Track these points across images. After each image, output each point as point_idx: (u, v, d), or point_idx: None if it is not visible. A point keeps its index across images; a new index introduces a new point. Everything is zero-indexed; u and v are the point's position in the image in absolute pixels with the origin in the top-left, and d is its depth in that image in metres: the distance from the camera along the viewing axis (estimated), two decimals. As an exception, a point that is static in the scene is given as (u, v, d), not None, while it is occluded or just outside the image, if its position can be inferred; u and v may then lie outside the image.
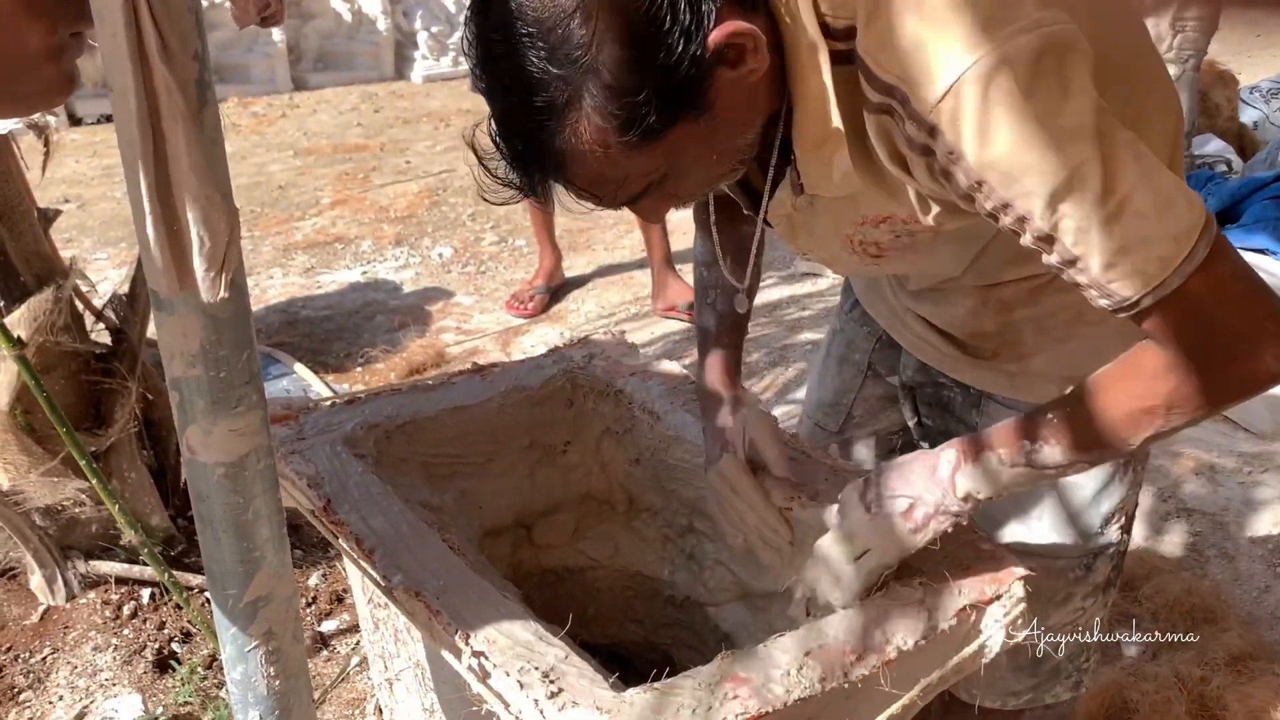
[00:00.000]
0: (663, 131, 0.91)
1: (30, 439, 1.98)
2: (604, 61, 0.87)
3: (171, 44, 0.70)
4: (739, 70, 0.92)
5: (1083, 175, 0.86)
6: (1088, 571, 1.33)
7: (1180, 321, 0.91)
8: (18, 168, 2.03)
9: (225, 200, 0.76)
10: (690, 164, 0.98)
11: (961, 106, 0.86)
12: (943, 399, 1.40)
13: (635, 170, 0.95)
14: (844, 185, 1.03)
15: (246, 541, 0.90)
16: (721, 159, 1.01)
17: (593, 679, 1.00)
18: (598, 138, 0.91)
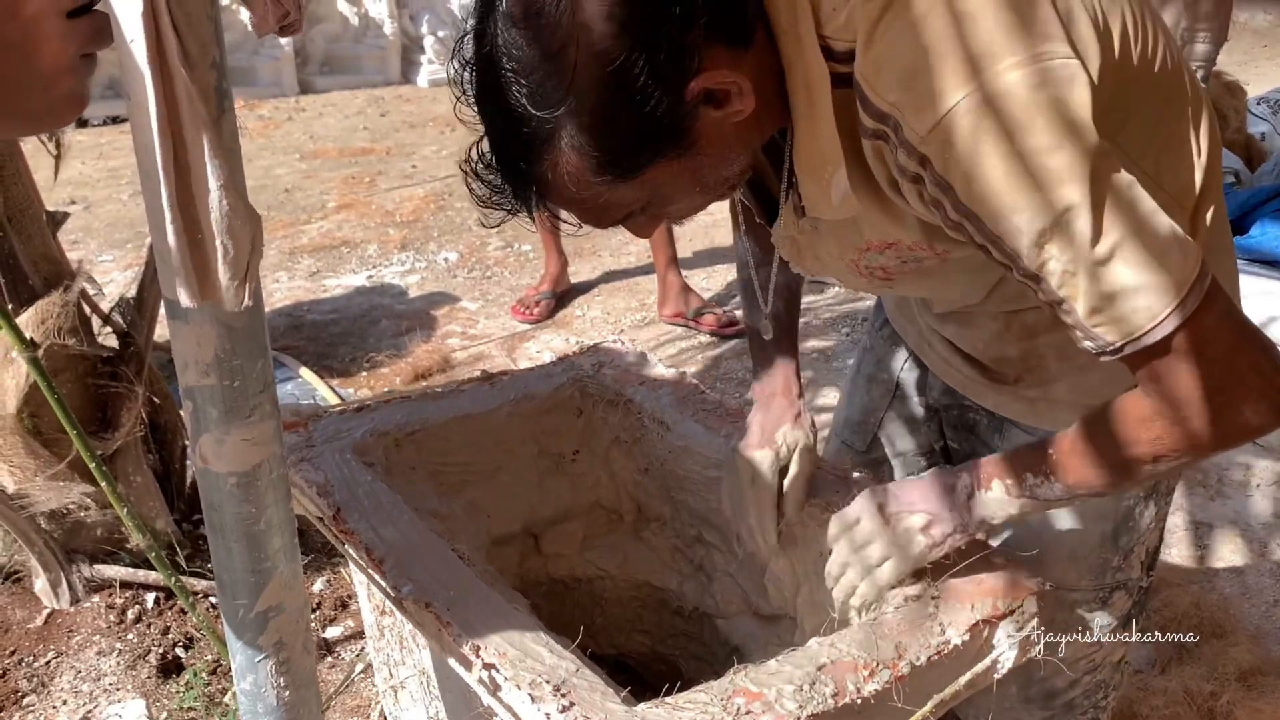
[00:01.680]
0: (640, 170, 0.93)
1: (37, 442, 1.98)
2: (582, 104, 0.88)
3: (192, 52, 0.70)
4: (724, 110, 0.93)
5: (1070, 219, 0.85)
6: (1104, 605, 1.32)
7: (1163, 370, 0.90)
8: (26, 170, 2.03)
9: (247, 207, 0.75)
10: (673, 194, 0.99)
11: (952, 139, 0.85)
12: (968, 421, 1.39)
13: (615, 200, 0.96)
14: (842, 208, 1.02)
15: (258, 551, 0.89)
16: (706, 189, 1.01)
17: (604, 692, 0.99)
18: (575, 174, 0.92)
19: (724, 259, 4.25)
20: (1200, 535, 2.41)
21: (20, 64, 0.61)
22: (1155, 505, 1.29)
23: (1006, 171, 0.85)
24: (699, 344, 3.51)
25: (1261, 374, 0.91)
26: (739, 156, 1.00)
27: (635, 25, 0.86)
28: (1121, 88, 0.97)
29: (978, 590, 1.14)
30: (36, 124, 0.66)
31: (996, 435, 1.34)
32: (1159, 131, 1.04)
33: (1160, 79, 1.03)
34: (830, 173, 0.98)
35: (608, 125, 0.89)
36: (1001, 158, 0.85)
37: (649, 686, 1.06)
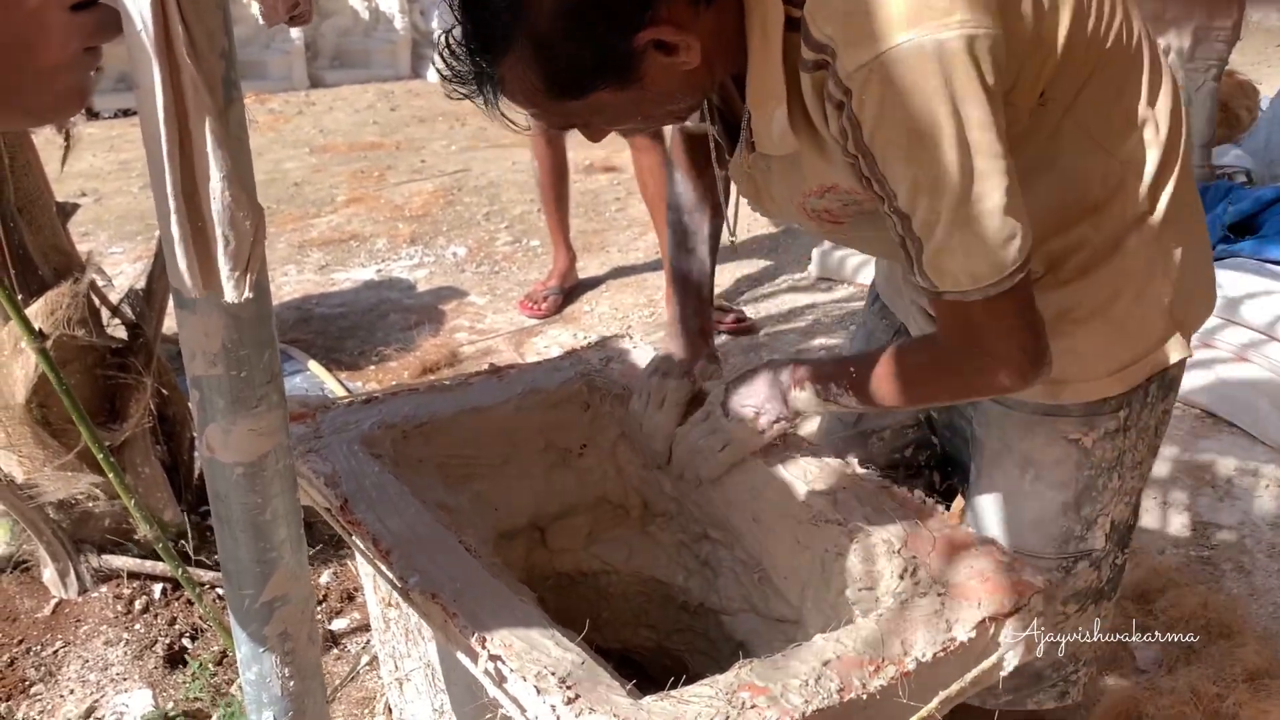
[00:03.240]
0: (585, 94, 1.04)
1: (46, 432, 1.99)
2: (537, 29, 1.00)
3: (199, 41, 0.70)
4: (672, 58, 1.03)
5: (948, 180, 0.98)
6: (1067, 574, 1.35)
7: (958, 323, 1.08)
8: (37, 161, 2.04)
9: (251, 199, 0.75)
10: (616, 118, 1.10)
11: (871, 82, 0.97)
12: None
13: (561, 112, 1.08)
14: (782, 144, 1.11)
15: (264, 542, 0.89)
16: (650, 118, 1.13)
17: (610, 685, 0.99)
18: (526, 85, 1.04)
19: (733, 257, 4.24)
20: (1208, 536, 2.40)
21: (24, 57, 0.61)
22: (1119, 477, 1.32)
23: (908, 124, 0.97)
24: (709, 341, 3.50)
25: (1026, 354, 1.09)
26: (684, 97, 1.10)
27: None
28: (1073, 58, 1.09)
29: (984, 588, 1.14)
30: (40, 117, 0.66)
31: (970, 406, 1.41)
32: (1117, 103, 1.15)
33: (1117, 54, 1.13)
34: (772, 108, 1.08)
35: (556, 52, 1.01)
36: (908, 110, 0.96)
37: (654, 681, 1.06)
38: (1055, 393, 1.26)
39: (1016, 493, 1.35)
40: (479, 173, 5.43)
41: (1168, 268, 1.22)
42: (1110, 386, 1.25)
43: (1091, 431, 1.28)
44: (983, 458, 1.39)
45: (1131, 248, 1.20)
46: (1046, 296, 1.18)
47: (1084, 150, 1.15)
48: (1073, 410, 1.28)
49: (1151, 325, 1.24)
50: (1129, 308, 1.22)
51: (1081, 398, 1.26)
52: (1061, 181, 1.16)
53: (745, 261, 4.18)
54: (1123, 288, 1.21)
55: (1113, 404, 1.27)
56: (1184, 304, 1.25)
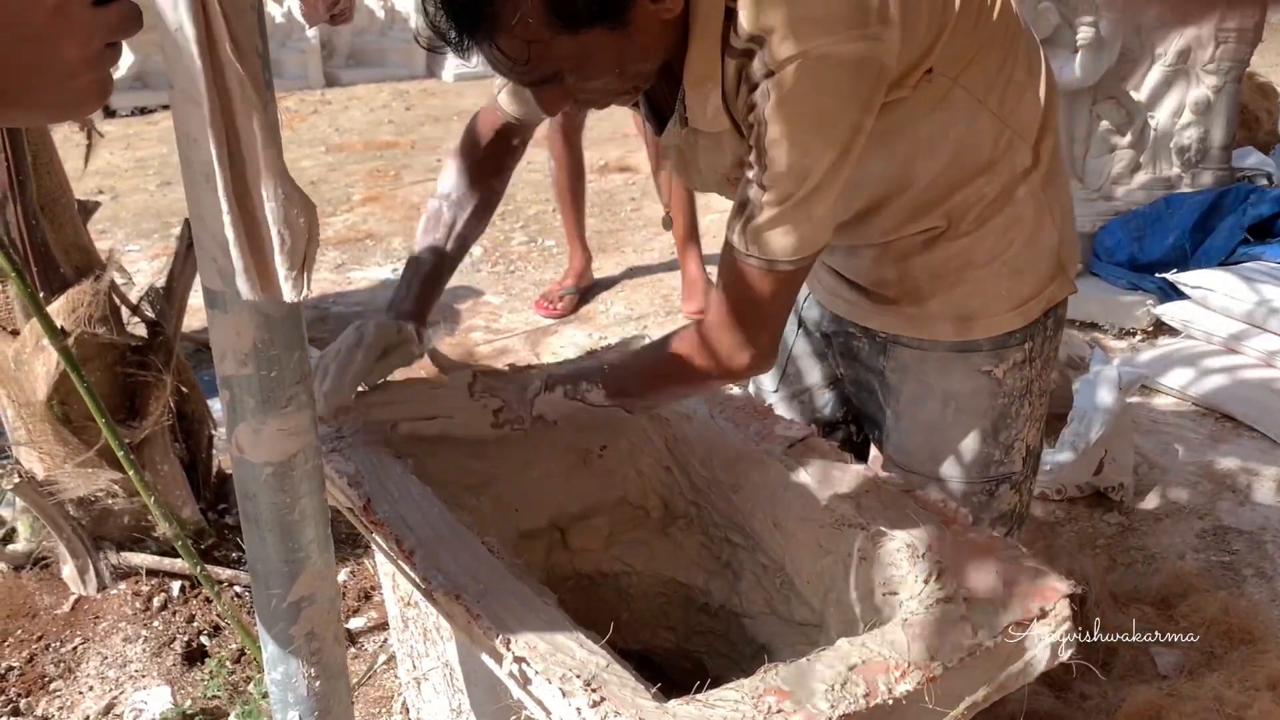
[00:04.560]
0: (582, 27, 1.07)
1: (66, 430, 1.99)
2: None
3: (241, 40, 0.70)
4: (658, 5, 1.10)
5: (814, 168, 1.12)
6: (990, 497, 1.48)
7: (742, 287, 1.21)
8: (57, 159, 2.05)
9: (302, 195, 0.75)
10: (596, 69, 1.14)
11: (790, 73, 1.08)
12: (851, 349, 1.57)
13: (550, 53, 1.09)
14: (714, 121, 1.22)
15: (292, 541, 0.89)
16: (622, 77, 1.17)
17: (635, 688, 0.99)
18: (528, 11, 1.05)
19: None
20: (1229, 541, 2.39)
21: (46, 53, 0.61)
22: (1029, 404, 1.47)
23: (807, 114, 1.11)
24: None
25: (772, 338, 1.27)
26: (654, 56, 1.17)
27: None
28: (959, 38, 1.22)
29: (1010, 593, 1.13)
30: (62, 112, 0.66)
31: (880, 356, 1.51)
32: (1000, 74, 1.29)
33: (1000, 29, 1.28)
34: (709, 89, 1.18)
35: None
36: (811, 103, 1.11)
37: (676, 684, 1.05)
38: (966, 330, 1.41)
39: (940, 426, 1.47)
40: (494, 172, 5.43)
41: (1053, 214, 1.39)
42: (1013, 321, 1.41)
43: (1002, 364, 1.43)
44: (900, 401, 1.51)
45: (1021, 198, 1.35)
46: (950, 247, 1.37)
47: (975, 115, 1.29)
48: (983, 345, 1.42)
49: (1043, 265, 1.40)
50: (1022, 250, 1.38)
51: (990, 332, 1.41)
52: (958, 143, 1.30)
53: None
54: (1016, 234, 1.37)
55: (1018, 337, 1.42)
56: (1068, 246, 1.43)
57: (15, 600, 2.08)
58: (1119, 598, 2.11)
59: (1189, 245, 3.52)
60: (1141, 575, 2.22)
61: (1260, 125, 4.63)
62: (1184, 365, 3.09)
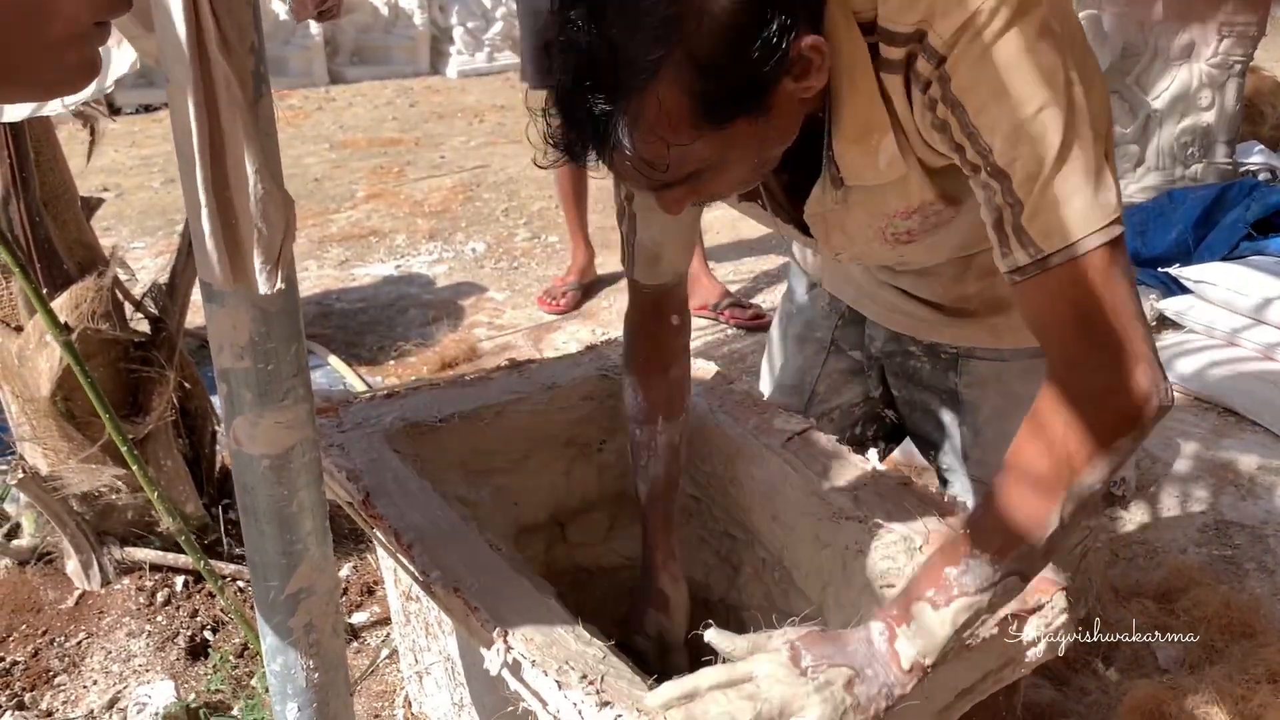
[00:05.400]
0: (728, 122, 0.94)
1: (70, 425, 2.00)
2: (702, 37, 0.90)
3: (230, 36, 0.71)
4: (800, 84, 0.97)
5: (1045, 119, 0.93)
6: None
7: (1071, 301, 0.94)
8: (61, 156, 2.05)
9: (281, 192, 0.76)
10: (735, 162, 1.01)
11: (968, 33, 0.93)
12: (909, 369, 1.47)
13: (691, 154, 0.96)
14: (890, 170, 1.07)
15: (290, 534, 0.90)
16: (759, 165, 1.05)
17: (631, 680, 0.99)
18: (672, 111, 0.92)
19: (750, 252, 4.23)
20: (1231, 535, 2.38)
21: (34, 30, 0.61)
22: None
23: (1004, 67, 0.93)
24: (724, 336, 3.50)
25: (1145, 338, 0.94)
26: (791, 136, 1.03)
27: None
28: None
29: (1007, 585, 1.13)
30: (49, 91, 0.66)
31: (950, 374, 1.42)
32: None
33: None
34: (878, 139, 1.04)
35: (718, 68, 0.91)
36: (1003, 54, 0.93)
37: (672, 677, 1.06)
38: None
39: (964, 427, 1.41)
40: (498, 169, 5.44)
41: None
42: None
43: None
44: (979, 416, 1.42)
45: None
46: None
47: None
48: None
49: None
50: None
51: None
52: None
53: (762, 257, 4.18)
54: None
55: None
56: None
57: (20, 595, 2.09)
58: (1120, 592, 2.11)
59: (1192, 240, 3.51)
60: (1143, 569, 2.22)
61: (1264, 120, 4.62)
62: (1187, 359, 3.08)
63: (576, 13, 0.92)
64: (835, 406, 1.61)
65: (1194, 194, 3.61)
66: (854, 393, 1.59)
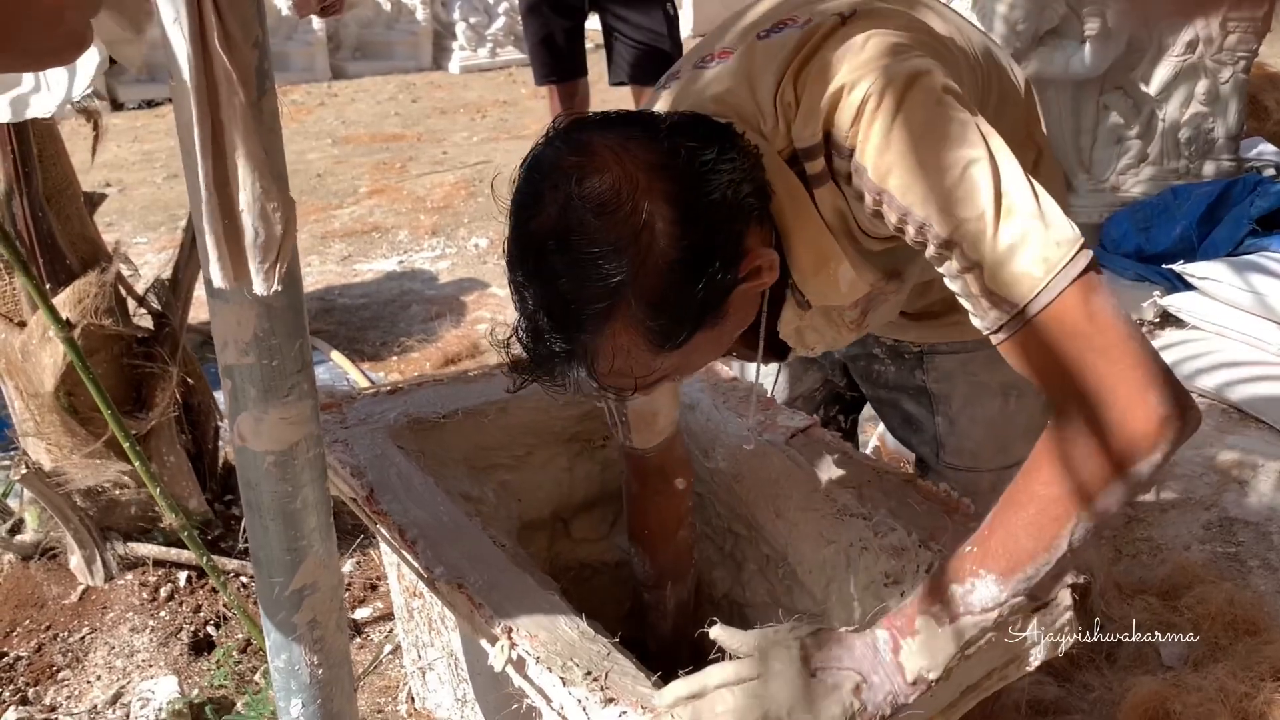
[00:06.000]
0: (684, 341, 0.97)
1: (73, 421, 2.00)
2: (649, 282, 0.93)
3: (233, 31, 0.70)
4: (753, 283, 1.01)
5: (973, 176, 0.93)
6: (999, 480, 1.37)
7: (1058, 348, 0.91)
8: (64, 151, 2.05)
9: (282, 191, 0.76)
10: (700, 360, 1.08)
11: (864, 120, 0.97)
12: (874, 373, 1.51)
13: (656, 369, 1.00)
14: (851, 292, 1.11)
15: (294, 530, 0.90)
16: (722, 349, 1.10)
17: (635, 677, 0.99)
18: (630, 348, 0.96)
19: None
20: (1235, 532, 2.38)
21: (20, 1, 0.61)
22: None
23: (910, 138, 0.95)
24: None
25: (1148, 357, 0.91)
26: (749, 319, 1.08)
27: (695, 224, 0.94)
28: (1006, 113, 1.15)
29: (1011, 582, 1.13)
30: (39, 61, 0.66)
31: (916, 372, 1.45)
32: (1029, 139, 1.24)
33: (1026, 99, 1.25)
34: (834, 266, 1.08)
35: (665, 306, 0.94)
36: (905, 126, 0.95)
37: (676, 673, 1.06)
38: None
39: (1003, 418, 1.42)
40: (501, 164, 5.44)
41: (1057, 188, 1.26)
42: None
43: None
44: (952, 407, 1.46)
45: None
46: None
47: None
48: None
49: None
50: None
51: None
52: None
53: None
54: None
55: None
56: None
57: (23, 590, 2.09)
58: (1124, 589, 2.10)
59: (1196, 236, 3.50)
60: (1147, 566, 2.22)
61: (1269, 116, 4.61)
62: (1191, 356, 3.08)
63: (526, 272, 0.95)
64: (798, 395, 1.67)
65: (1198, 190, 3.60)
66: (813, 379, 1.66)
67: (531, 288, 0.95)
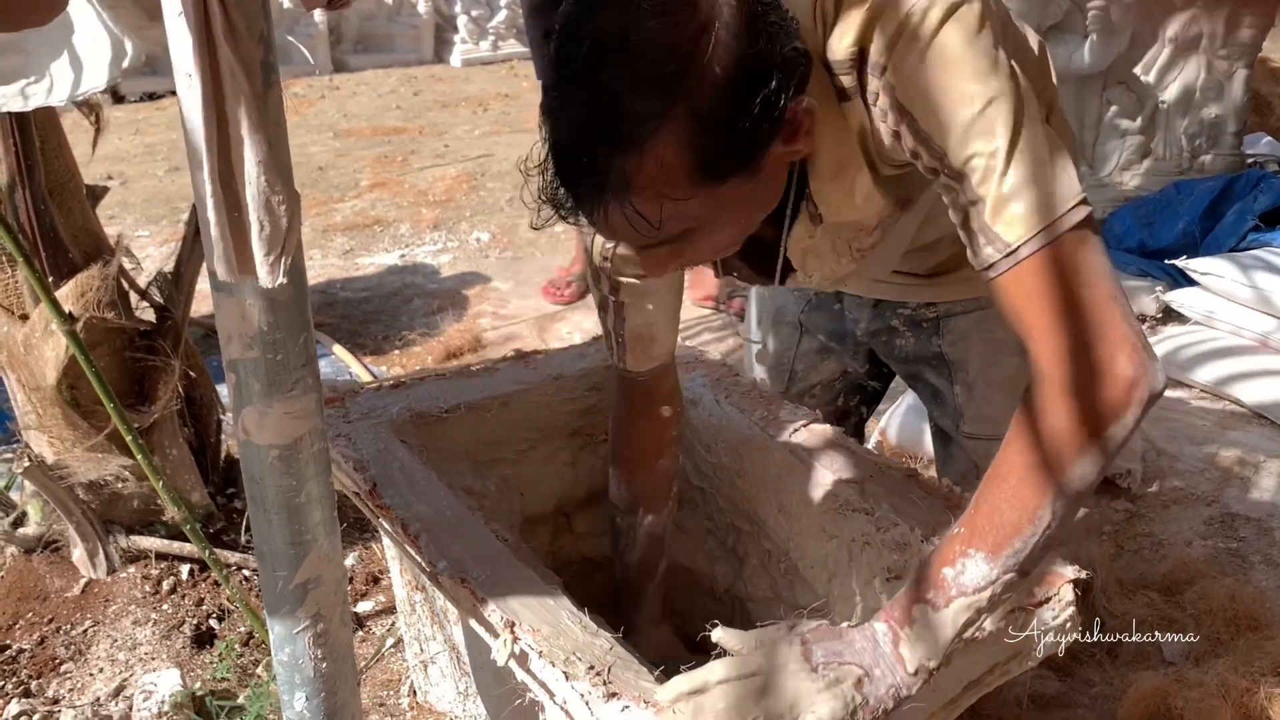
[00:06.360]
0: (724, 180, 0.94)
1: (76, 414, 2.01)
2: (704, 93, 0.89)
3: (238, 25, 0.70)
4: (788, 147, 0.98)
5: (993, 113, 0.93)
6: None
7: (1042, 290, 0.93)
8: (66, 144, 2.05)
9: (287, 185, 0.76)
10: (723, 223, 1.01)
11: (902, 41, 0.95)
12: (895, 348, 1.52)
13: (684, 211, 0.95)
14: (866, 206, 1.10)
15: (298, 524, 0.90)
16: (743, 228, 1.05)
17: (638, 671, 0.99)
18: (672, 166, 0.91)
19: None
20: (1237, 528, 2.38)
21: None
22: None
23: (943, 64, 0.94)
24: (730, 327, 3.50)
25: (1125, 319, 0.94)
26: (774, 201, 1.05)
27: (755, 40, 0.91)
28: None
29: (1014, 578, 1.13)
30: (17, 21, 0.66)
31: (934, 338, 1.46)
32: None
33: None
34: (853, 175, 1.07)
35: (719, 124, 0.90)
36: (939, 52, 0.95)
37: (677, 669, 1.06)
38: None
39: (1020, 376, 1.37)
40: (502, 158, 5.43)
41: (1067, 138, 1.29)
42: None
43: None
44: (969, 371, 1.47)
45: None
46: None
47: None
48: None
49: None
50: None
51: None
52: None
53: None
54: None
55: None
56: None
57: (26, 583, 2.10)
58: (1126, 584, 2.11)
59: (1199, 232, 3.50)
60: (1148, 562, 2.22)
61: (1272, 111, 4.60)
62: (1193, 352, 3.08)
63: (575, 64, 0.90)
64: (815, 383, 1.67)
65: (1201, 185, 3.59)
66: (830, 369, 1.65)
67: (578, 98, 0.91)
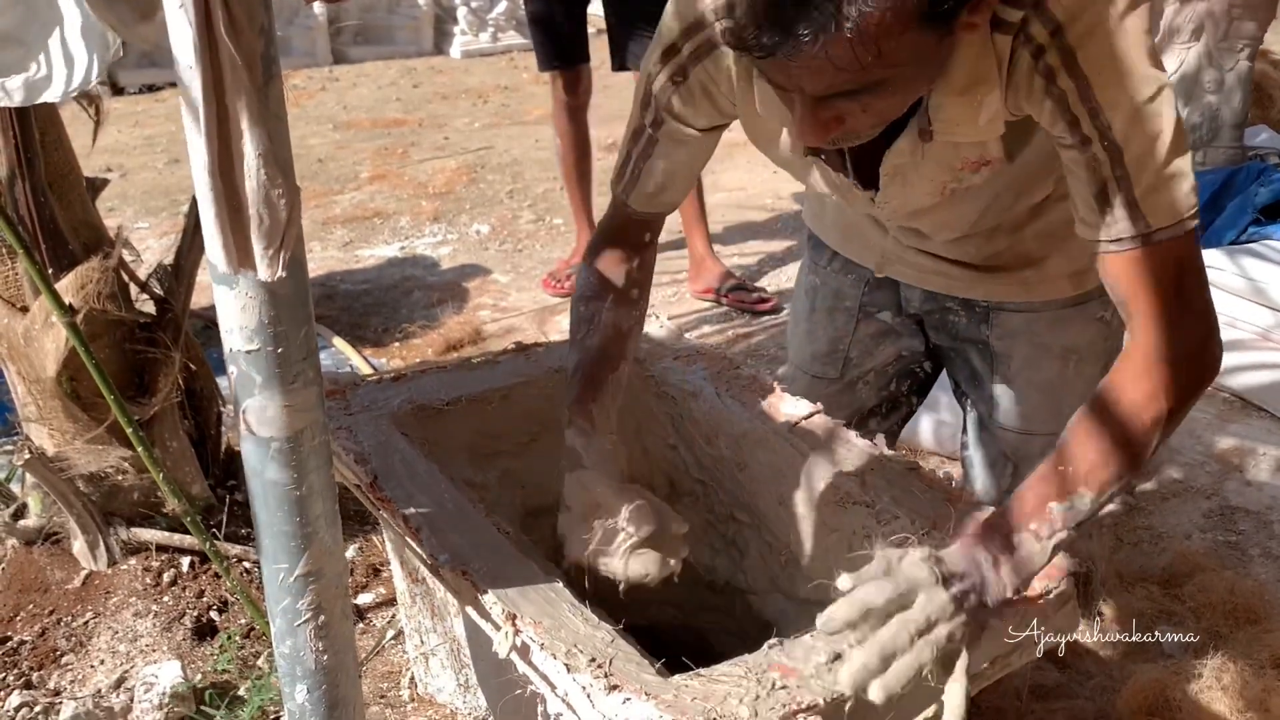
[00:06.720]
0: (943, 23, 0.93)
1: (76, 406, 2.01)
2: None
3: (239, 18, 0.70)
4: (971, 17, 0.96)
5: (1162, 102, 1.00)
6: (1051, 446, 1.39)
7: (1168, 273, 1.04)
8: (65, 137, 2.05)
9: (287, 178, 0.75)
10: (909, 80, 0.99)
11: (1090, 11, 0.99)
12: (948, 324, 1.53)
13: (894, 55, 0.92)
14: (989, 128, 1.11)
15: (299, 517, 0.90)
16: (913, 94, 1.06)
17: (639, 663, 0.99)
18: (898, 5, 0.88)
19: (756, 235, 4.22)
20: (1236, 521, 2.38)
21: None
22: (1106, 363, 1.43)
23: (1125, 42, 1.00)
24: (730, 320, 3.50)
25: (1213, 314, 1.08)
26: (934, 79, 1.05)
27: None
28: None
29: (1014, 570, 1.13)
30: None
31: (982, 325, 1.48)
32: None
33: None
34: (983, 93, 1.07)
35: None
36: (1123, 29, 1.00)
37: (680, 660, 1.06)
38: (1082, 282, 1.39)
39: (1061, 382, 1.45)
40: (502, 150, 5.43)
41: None
42: None
43: (1109, 306, 1.37)
44: (1010, 367, 1.49)
45: None
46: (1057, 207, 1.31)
47: None
48: (1094, 293, 1.40)
49: None
50: None
51: None
52: None
53: (770, 241, 4.17)
54: None
55: None
56: None
57: (27, 575, 2.10)
58: (1125, 577, 2.11)
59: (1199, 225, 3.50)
60: (1148, 555, 2.22)
61: (1273, 104, 4.59)
62: (1193, 345, 3.08)
63: None
64: (870, 369, 1.66)
65: (1201, 178, 3.58)
66: (886, 354, 1.65)
67: None
